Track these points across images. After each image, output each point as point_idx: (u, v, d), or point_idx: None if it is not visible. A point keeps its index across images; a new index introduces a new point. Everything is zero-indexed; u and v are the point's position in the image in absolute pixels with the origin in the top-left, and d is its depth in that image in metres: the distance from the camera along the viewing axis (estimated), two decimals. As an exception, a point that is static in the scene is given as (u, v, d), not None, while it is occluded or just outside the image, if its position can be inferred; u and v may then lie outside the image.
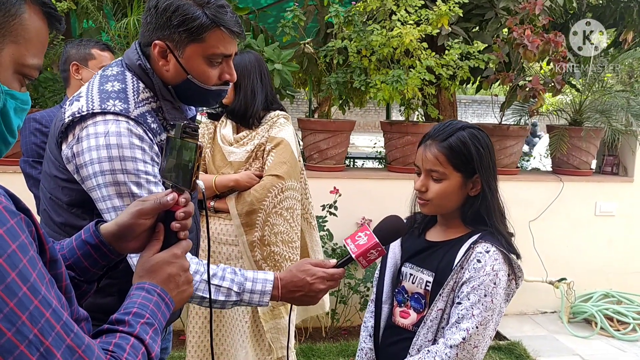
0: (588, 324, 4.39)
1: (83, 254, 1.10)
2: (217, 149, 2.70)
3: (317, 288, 1.50)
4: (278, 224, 2.55)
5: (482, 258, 1.57)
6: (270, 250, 2.54)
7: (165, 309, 1.03)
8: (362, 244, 1.50)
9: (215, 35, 1.42)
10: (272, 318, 2.62)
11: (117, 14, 3.98)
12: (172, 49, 1.43)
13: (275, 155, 2.56)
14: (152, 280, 1.04)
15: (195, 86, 1.47)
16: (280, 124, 2.61)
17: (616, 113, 4.41)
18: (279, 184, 2.53)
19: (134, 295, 1.02)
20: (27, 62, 0.89)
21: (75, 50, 2.59)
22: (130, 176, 1.38)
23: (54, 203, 1.51)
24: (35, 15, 0.89)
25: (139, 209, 1.08)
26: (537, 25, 4.16)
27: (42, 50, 0.92)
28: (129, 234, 1.09)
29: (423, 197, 1.66)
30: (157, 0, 1.41)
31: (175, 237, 1.10)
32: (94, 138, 1.37)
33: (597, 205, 4.59)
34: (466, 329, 1.54)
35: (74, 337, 0.80)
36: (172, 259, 1.07)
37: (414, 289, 1.71)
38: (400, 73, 3.81)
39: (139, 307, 0.98)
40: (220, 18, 1.40)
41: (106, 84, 1.46)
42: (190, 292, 1.11)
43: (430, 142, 1.65)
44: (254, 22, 4.75)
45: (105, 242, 1.10)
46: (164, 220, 1.10)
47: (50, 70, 3.98)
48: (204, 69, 1.45)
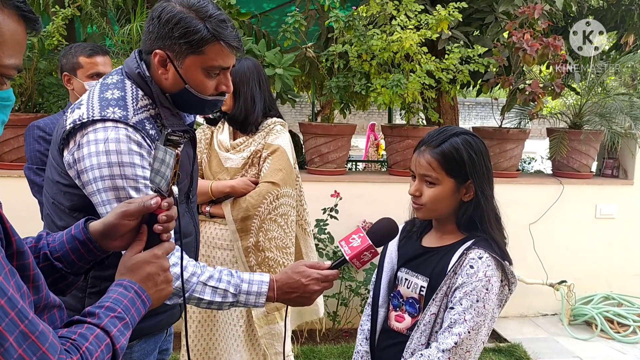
0: (588, 326, 4.41)
1: (71, 248, 1.17)
2: (213, 155, 2.73)
3: (312, 289, 1.55)
4: (272, 230, 2.58)
5: (475, 264, 1.60)
6: (265, 255, 2.57)
7: (141, 306, 1.09)
8: (355, 246, 1.54)
9: (215, 48, 1.46)
10: (266, 323, 2.64)
11: (120, 20, 4.02)
12: (172, 58, 1.47)
13: (271, 162, 2.59)
14: (131, 277, 1.11)
15: (193, 95, 1.52)
16: (277, 131, 2.65)
17: (616, 116, 4.43)
18: (275, 191, 2.56)
19: (111, 291, 1.07)
20: (4, 63, 0.93)
21: (65, 60, 2.59)
22: (129, 181, 1.43)
23: (56, 208, 1.55)
24: (9, 19, 0.93)
25: (124, 210, 1.15)
26: (536, 29, 4.18)
27: (20, 50, 0.97)
28: (114, 233, 1.16)
29: (417, 202, 1.70)
30: (161, 10, 1.46)
31: (158, 238, 1.16)
32: (94, 144, 1.42)
33: (598, 208, 4.61)
34: (458, 334, 1.57)
35: (28, 324, 0.85)
36: (153, 259, 1.14)
37: (408, 294, 1.74)
38: (401, 77, 3.84)
39: (113, 302, 1.04)
40: (221, 32, 1.45)
41: (106, 92, 1.50)
42: (169, 291, 1.17)
43: (424, 148, 1.68)
44: (256, 27, 4.78)
45: (92, 238, 1.16)
46: (148, 222, 1.17)
47: (55, 75, 4.02)
48: (201, 79, 1.50)
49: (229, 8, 3.94)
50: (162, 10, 1.45)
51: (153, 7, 1.51)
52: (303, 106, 14.07)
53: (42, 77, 3.89)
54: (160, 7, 1.47)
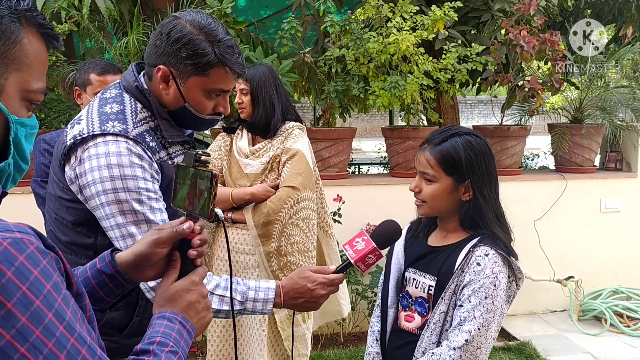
0: (598, 321, 4.39)
1: (98, 283, 1.11)
2: (233, 161, 2.76)
3: (318, 294, 1.54)
4: (294, 234, 2.60)
5: (482, 261, 1.61)
6: (287, 260, 2.59)
7: (187, 337, 1.04)
8: (360, 249, 1.54)
9: (219, 72, 1.47)
10: (289, 326, 2.65)
11: (117, 33, 4.04)
12: (176, 76, 1.48)
13: (290, 167, 2.62)
14: (172, 308, 1.05)
15: (191, 114, 1.53)
16: (295, 135, 2.67)
17: (617, 109, 4.43)
18: (295, 195, 2.58)
19: (156, 325, 1.02)
20: (32, 88, 0.89)
21: (79, 75, 2.64)
22: (132, 194, 1.43)
23: (59, 223, 1.55)
24: (33, 38, 0.89)
25: (156, 238, 1.09)
26: (533, 25, 4.19)
27: (44, 72, 0.92)
28: (145, 263, 1.10)
29: (418, 198, 1.73)
30: (171, 28, 1.45)
31: (191, 264, 1.11)
32: (95, 159, 1.42)
33: (602, 202, 4.59)
34: (468, 331, 1.57)
35: None
36: (191, 286, 1.08)
37: (417, 294, 1.74)
38: (398, 79, 3.85)
39: (162, 336, 0.98)
40: (228, 59, 1.46)
41: (105, 106, 1.51)
42: (210, 318, 1.11)
43: (426, 146, 1.71)
44: (253, 35, 4.80)
45: (121, 271, 1.11)
46: (179, 248, 1.11)
47: (57, 91, 4.04)
48: (201, 100, 1.51)
49: (225, 17, 3.95)
50: (173, 28, 1.45)
51: (163, 21, 1.51)
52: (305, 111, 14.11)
53: (42, 93, 3.90)
54: (170, 24, 1.47)
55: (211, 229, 2.85)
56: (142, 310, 1.54)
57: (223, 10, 3.91)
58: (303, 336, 2.65)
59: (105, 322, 1.20)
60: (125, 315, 1.53)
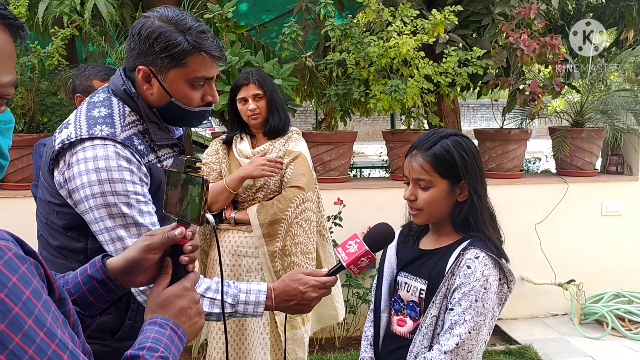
0: (599, 325, 4.37)
1: (89, 289, 1.10)
2: (233, 163, 2.77)
3: (310, 296, 1.55)
4: (299, 234, 2.63)
5: (472, 264, 1.61)
6: (291, 260, 2.61)
7: (179, 342, 1.03)
8: (352, 252, 1.54)
9: (197, 59, 1.47)
10: (289, 329, 2.66)
11: (119, 38, 4.07)
12: (156, 73, 1.49)
13: (294, 168, 2.66)
14: (164, 314, 1.05)
15: (179, 108, 1.53)
16: (295, 139, 2.74)
17: (618, 112, 4.42)
18: (301, 195, 2.63)
19: (147, 330, 1.01)
20: (2, 81, 0.86)
21: (79, 81, 2.60)
22: (120, 197, 1.43)
23: (49, 227, 1.56)
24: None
25: (148, 244, 1.09)
26: (533, 29, 4.19)
27: (13, 64, 0.88)
28: (137, 269, 1.10)
29: (414, 207, 1.71)
30: (140, 27, 1.47)
31: (183, 270, 1.11)
32: (84, 163, 1.43)
33: (604, 205, 4.58)
34: (459, 335, 1.57)
35: None
36: (183, 292, 1.08)
37: (409, 297, 1.74)
38: (399, 83, 3.86)
39: (153, 342, 0.98)
40: (201, 43, 1.46)
41: (93, 110, 1.52)
42: (201, 324, 1.11)
43: (416, 152, 1.70)
44: (255, 39, 4.82)
45: (112, 277, 1.10)
46: (171, 254, 1.11)
47: (59, 95, 4.07)
48: (186, 92, 1.51)
49: (226, 21, 3.97)
50: (142, 26, 1.47)
51: (133, 23, 1.52)
52: (307, 115, 14.13)
53: (44, 98, 3.93)
54: (139, 23, 1.48)
55: (205, 235, 2.86)
56: (134, 314, 1.55)
57: (224, 14, 3.93)
58: (302, 339, 2.66)
59: (97, 326, 1.20)
60: (117, 319, 1.54)
